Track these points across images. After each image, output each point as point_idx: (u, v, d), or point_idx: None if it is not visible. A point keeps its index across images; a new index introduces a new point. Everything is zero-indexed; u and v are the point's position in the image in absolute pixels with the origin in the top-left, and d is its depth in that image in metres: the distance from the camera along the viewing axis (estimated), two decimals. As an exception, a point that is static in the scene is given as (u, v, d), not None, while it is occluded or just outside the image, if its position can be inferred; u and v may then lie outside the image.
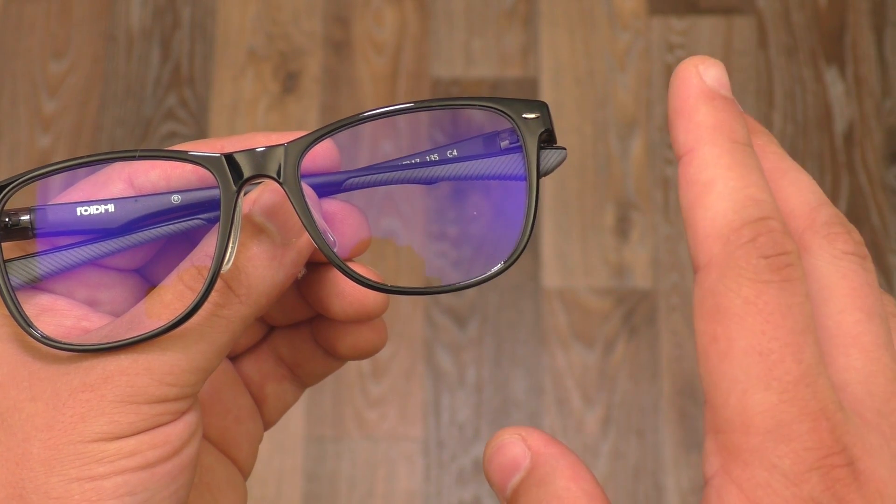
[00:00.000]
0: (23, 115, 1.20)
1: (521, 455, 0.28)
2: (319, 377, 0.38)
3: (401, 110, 0.31)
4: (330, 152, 0.33)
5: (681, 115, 0.26)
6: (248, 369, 0.38)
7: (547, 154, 0.31)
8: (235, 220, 0.30)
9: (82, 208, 0.31)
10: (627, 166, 1.17)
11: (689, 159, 0.25)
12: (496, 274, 0.31)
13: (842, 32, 1.21)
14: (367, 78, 1.21)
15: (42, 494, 0.28)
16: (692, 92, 0.26)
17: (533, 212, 0.31)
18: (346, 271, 0.31)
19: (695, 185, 0.25)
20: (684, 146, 0.25)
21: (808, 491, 0.23)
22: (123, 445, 0.29)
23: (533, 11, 1.23)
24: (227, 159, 0.30)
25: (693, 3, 1.23)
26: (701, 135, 0.25)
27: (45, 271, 0.31)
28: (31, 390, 0.29)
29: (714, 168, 0.25)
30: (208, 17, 1.24)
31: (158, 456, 0.29)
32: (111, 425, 0.29)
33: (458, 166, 0.32)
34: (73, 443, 0.28)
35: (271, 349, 0.38)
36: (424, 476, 1.08)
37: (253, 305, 0.31)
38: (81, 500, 0.28)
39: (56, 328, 0.30)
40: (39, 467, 0.28)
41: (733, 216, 0.24)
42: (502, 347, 1.11)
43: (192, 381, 0.30)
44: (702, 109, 0.25)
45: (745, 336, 0.23)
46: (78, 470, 0.28)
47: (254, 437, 0.38)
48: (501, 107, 0.31)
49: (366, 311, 0.34)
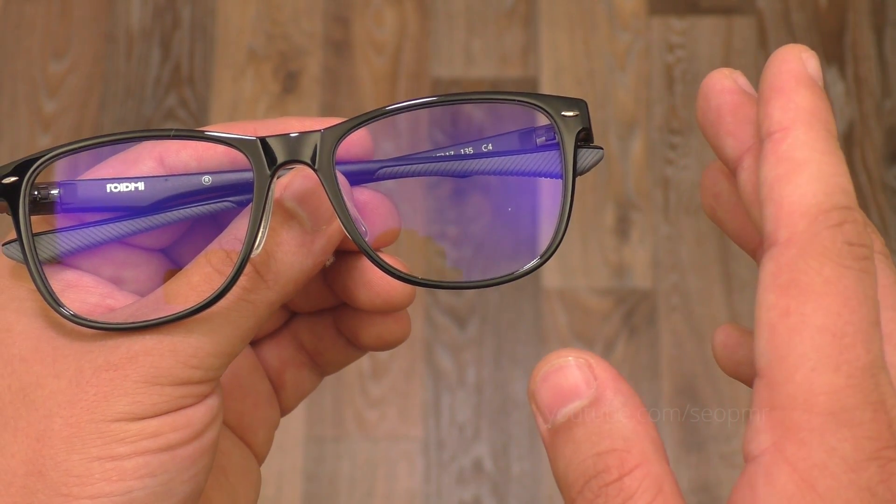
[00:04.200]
0: (23, 115, 1.20)
1: (584, 382, 0.26)
2: (339, 366, 0.38)
3: (437, 102, 0.31)
4: (364, 141, 0.32)
5: (780, 94, 0.26)
6: (268, 355, 0.37)
7: (584, 153, 0.31)
8: (268, 205, 0.30)
9: (112, 185, 0.31)
10: (627, 166, 1.17)
11: (783, 136, 0.25)
12: (530, 270, 0.30)
13: (842, 32, 1.21)
14: (367, 78, 1.21)
15: (62, 472, 0.28)
16: (794, 74, 0.26)
17: (568, 210, 0.30)
18: (378, 261, 0.30)
19: (786, 162, 0.25)
20: (778, 124, 0.25)
21: (865, 480, 0.23)
22: (145, 426, 0.29)
23: (533, 11, 1.23)
24: (261, 143, 0.30)
25: (693, 3, 1.23)
26: (799, 116, 0.25)
27: (71, 247, 0.31)
28: (54, 366, 0.29)
29: (810, 150, 0.25)
30: (208, 17, 1.23)
31: (180, 438, 0.29)
32: (134, 405, 0.29)
33: (493, 161, 0.32)
34: (95, 421, 0.28)
35: (292, 336, 0.38)
36: (424, 476, 1.08)
37: (280, 291, 0.31)
38: (101, 479, 0.28)
39: (81, 305, 0.30)
40: (60, 444, 0.28)
41: (823, 198, 0.24)
42: (502, 347, 1.11)
43: (215, 364, 0.30)
44: (802, 92, 0.26)
45: (822, 315, 0.23)
46: (99, 449, 0.28)
47: (270, 423, 0.37)
48: (540, 103, 0.31)
49: (392, 301, 0.34)
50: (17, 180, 0.30)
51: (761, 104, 0.26)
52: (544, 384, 0.26)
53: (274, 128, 0.32)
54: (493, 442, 1.09)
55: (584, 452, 0.25)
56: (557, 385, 0.26)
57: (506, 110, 0.32)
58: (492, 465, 1.08)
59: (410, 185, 0.33)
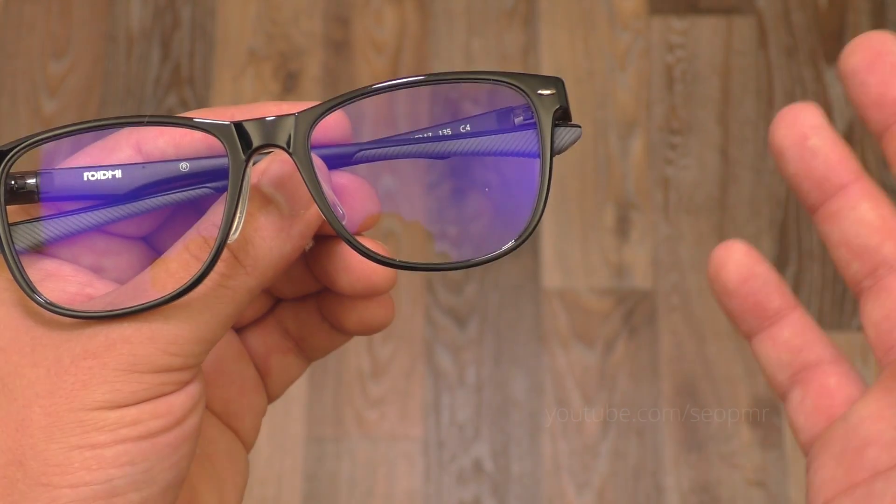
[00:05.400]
0: (23, 115, 1.20)
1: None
2: (325, 351, 0.38)
3: (413, 83, 0.31)
4: (341, 123, 0.32)
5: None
6: (253, 341, 0.37)
7: (561, 132, 0.31)
8: (243, 190, 0.29)
9: (89, 173, 0.31)
10: (627, 166, 1.17)
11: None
12: (506, 252, 0.30)
13: (842, 32, 1.21)
14: (368, 78, 1.21)
15: (42, 461, 0.28)
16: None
17: (545, 190, 0.30)
18: (355, 245, 0.30)
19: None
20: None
21: None
22: (125, 414, 0.29)
23: (533, 11, 1.23)
24: (236, 127, 0.29)
25: (693, 3, 1.23)
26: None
27: (49, 236, 0.31)
28: (32, 356, 0.29)
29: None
30: (208, 17, 1.23)
31: (160, 426, 0.29)
32: (113, 393, 0.28)
33: (471, 142, 0.32)
34: (74, 410, 0.28)
35: (277, 322, 0.37)
36: (424, 476, 1.08)
37: (259, 277, 0.31)
38: (81, 468, 0.28)
39: (60, 294, 0.30)
40: (39, 434, 0.28)
41: None
42: (502, 347, 1.11)
43: (195, 351, 0.30)
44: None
45: None
46: (78, 438, 0.28)
47: (257, 410, 0.37)
48: (516, 82, 0.31)
49: (373, 286, 0.33)
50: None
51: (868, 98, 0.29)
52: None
53: (251, 112, 0.31)
54: (493, 442, 1.09)
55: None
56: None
57: (485, 90, 0.32)
58: (492, 465, 1.08)
59: (390, 167, 0.33)
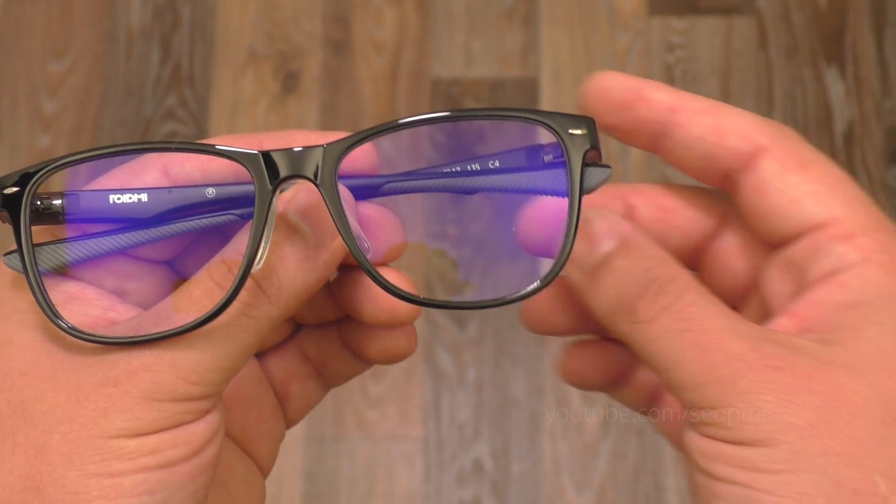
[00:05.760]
0: (23, 115, 1.20)
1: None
2: (345, 378, 0.38)
3: (442, 118, 0.31)
4: (369, 155, 0.32)
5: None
6: (273, 367, 0.37)
7: (591, 171, 0.30)
8: (269, 219, 0.29)
9: (115, 196, 0.31)
10: (627, 166, 1.17)
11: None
12: (532, 293, 0.30)
13: (842, 32, 1.21)
14: (367, 78, 1.21)
15: (59, 488, 0.28)
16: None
17: (573, 230, 0.30)
18: (379, 280, 0.30)
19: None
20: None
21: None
22: (144, 443, 0.28)
23: (533, 11, 1.23)
24: (263, 157, 0.29)
25: (693, 3, 1.22)
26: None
27: (73, 258, 0.31)
28: (54, 381, 0.29)
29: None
30: (208, 17, 1.23)
31: (179, 455, 0.29)
32: (133, 422, 0.28)
33: (499, 178, 0.32)
34: (94, 437, 0.28)
35: (298, 348, 0.37)
36: (424, 476, 1.08)
37: (282, 307, 0.31)
38: (99, 496, 0.28)
39: (83, 318, 0.30)
40: (58, 460, 0.28)
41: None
42: (502, 347, 1.11)
43: (216, 380, 0.30)
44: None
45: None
46: (97, 465, 0.28)
47: (275, 436, 0.37)
48: (547, 121, 0.31)
49: (397, 317, 0.33)
50: (18, 191, 0.29)
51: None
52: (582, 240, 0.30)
53: (279, 141, 0.31)
54: (493, 442, 1.09)
55: (635, 270, 0.30)
56: (588, 234, 0.30)
57: (514, 125, 0.32)
58: (492, 465, 1.08)
59: (417, 199, 0.33)
